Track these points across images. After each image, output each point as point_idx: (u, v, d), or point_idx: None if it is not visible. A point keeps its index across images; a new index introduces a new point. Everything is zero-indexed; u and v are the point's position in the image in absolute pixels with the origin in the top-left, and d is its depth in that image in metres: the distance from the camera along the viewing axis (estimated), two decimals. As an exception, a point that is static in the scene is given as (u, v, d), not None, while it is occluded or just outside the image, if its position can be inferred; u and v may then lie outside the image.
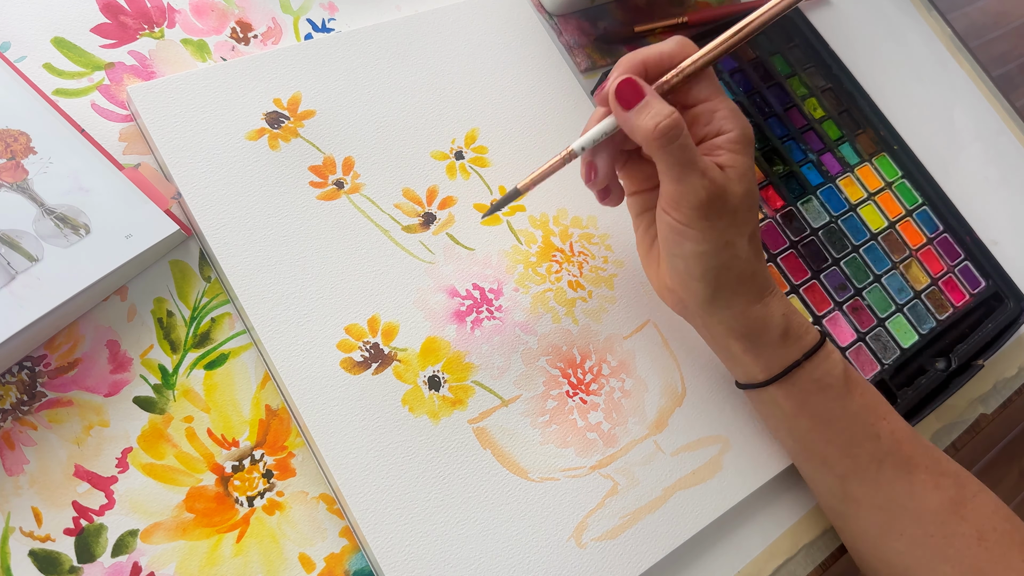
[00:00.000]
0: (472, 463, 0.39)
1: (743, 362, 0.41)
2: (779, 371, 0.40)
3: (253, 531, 0.36)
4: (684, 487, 0.43)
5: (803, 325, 0.41)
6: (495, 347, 0.42)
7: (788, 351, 0.40)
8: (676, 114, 0.35)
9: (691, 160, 0.36)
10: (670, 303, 0.42)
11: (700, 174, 0.36)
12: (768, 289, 0.40)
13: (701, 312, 0.40)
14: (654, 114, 0.35)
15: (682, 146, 0.35)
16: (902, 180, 0.58)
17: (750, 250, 0.39)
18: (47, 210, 0.36)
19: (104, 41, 0.42)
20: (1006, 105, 0.70)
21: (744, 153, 0.37)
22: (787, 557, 0.45)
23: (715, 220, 0.37)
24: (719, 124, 0.37)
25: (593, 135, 0.38)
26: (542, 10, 0.54)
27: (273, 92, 0.43)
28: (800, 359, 0.40)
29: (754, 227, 0.39)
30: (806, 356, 0.40)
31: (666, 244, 0.39)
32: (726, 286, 0.39)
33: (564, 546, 0.39)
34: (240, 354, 0.39)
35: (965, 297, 0.56)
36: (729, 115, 0.37)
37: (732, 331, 0.40)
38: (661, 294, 0.42)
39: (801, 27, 0.61)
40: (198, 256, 0.40)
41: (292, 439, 0.38)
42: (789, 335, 0.40)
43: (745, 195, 0.37)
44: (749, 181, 0.37)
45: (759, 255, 0.40)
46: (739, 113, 0.38)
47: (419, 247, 0.43)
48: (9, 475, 0.34)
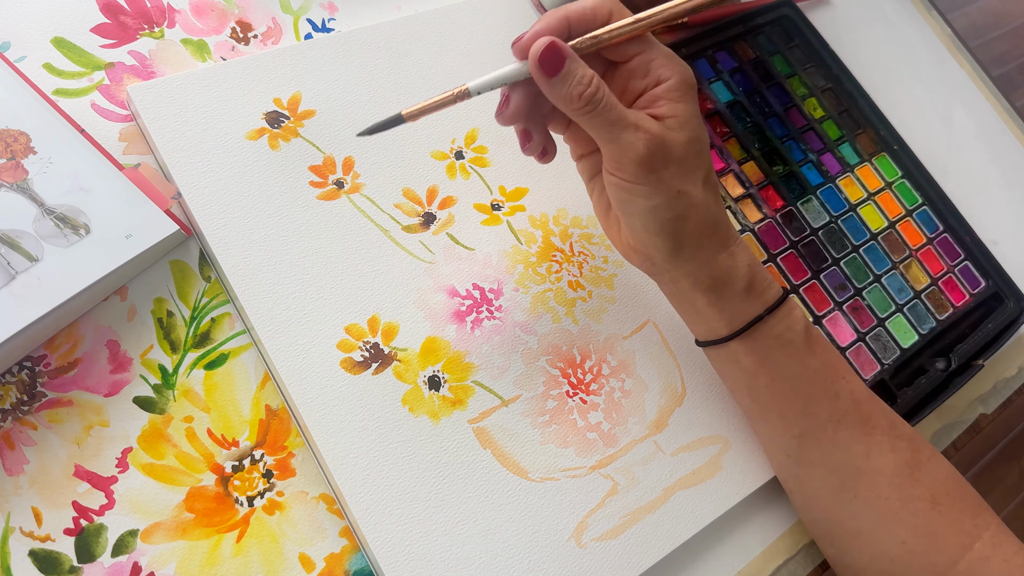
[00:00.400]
0: (472, 463, 0.39)
1: (707, 316, 0.40)
2: (741, 325, 0.40)
3: (253, 531, 0.36)
4: (684, 487, 0.43)
5: (767, 279, 0.40)
6: (495, 347, 0.42)
7: (751, 304, 0.40)
8: (595, 77, 0.34)
9: (619, 118, 0.35)
10: (636, 262, 0.41)
11: (633, 129, 0.35)
12: (733, 238, 0.39)
13: (668, 267, 0.39)
14: (576, 82, 0.34)
15: (607, 106, 0.35)
16: (902, 180, 0.58)
17: (706, 196, 0.38)
18: (47, 210, 0.36)
19: (104, 41, 0.42)
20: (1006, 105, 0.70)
21: (684, 100, 0.36)
22: (787, 557, 0.45)
23: (660, 172, 0.36)
24: (656, 73, 0.36)
25: (491, 80, 0.36)
26: (542, 10, 0.54)
27: (273, 92, 0.43)
28: (763, 313, 0.39)
29: (706, 172, 0.38)
30: (769, 311, 0.40)
31: (619, 205, 0.38)
32: (688, 236, 0.38)
33: (564, 546, 0.39)
34: (240, 354, 0.39)
35: (965, 297, 0.56)
36: (665, 63, 0.36)
37: (698, 284, 0.39)
38: (626, 254, 0.42)
39: (801, 27, 0.61)
40: (198, 256, 0.40)
41: (292, 439, 0.38)
42: (753, 287, 0.39)
43: (689, 142, 0.36)
44: (692, 128, 0.36)
45: (717, 202, 0.39)
46: (675, 59, 0.36)
47: (419, 247, 0.43)
48: (9, 475, 0.34)
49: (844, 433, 0.40)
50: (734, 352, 0.41)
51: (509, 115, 0.38)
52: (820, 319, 0.51)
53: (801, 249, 0.53)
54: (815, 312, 0.51)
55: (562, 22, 0.35)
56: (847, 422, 0.40)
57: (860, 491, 0.41)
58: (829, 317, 0.51)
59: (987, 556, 0.39)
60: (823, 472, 0.41)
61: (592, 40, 0.35)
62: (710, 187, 0.38)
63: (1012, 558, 0.39)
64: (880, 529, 0.40)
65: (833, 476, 0.41)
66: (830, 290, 0.52)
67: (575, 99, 0.35)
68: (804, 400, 0.41)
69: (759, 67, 0.58)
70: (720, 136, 0.55)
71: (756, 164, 0.55)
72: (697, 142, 0.37)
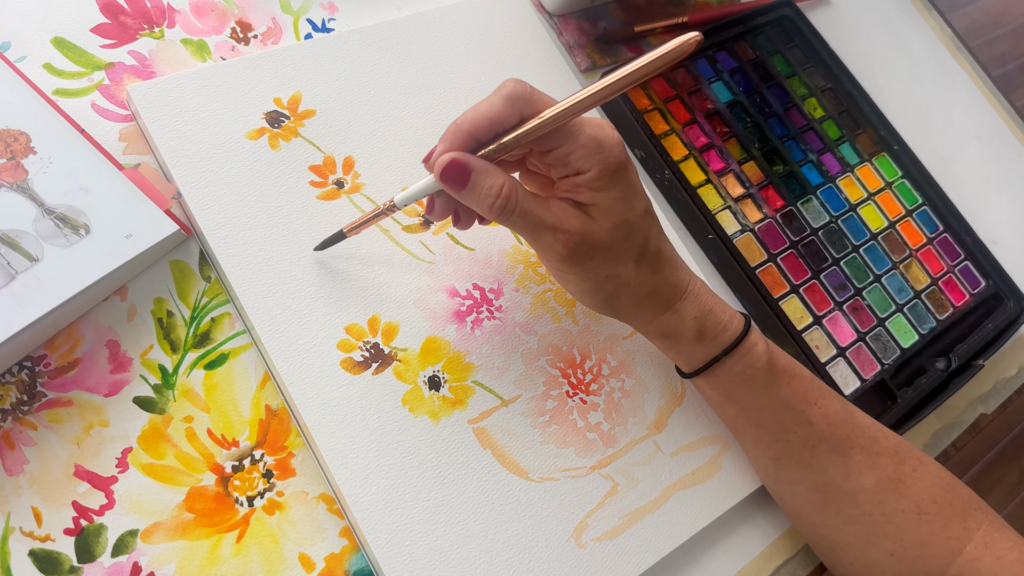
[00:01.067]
0: (472, 463, 0.39)
1: (668, 356, 0.42)
2: (699, 366, 0.40)
3: (253, 531, 0.36)
4: (684, 487, 0.43)
5: (719, 323, 0.40)
6: (495, 347, 0.42)
7: (706, 348, 0.40)
8: (506, 186, 0.34)
9: (537, 223, 0.35)
10: None
11: (551, 231, 0.35)
12: (676, 297, 0.39)
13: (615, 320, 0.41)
14: (484, 195, 0.34)
15: (522, 213, 0.35)
16: (902, 180, 0.58)
17: (640, 272, 0.38)
18: (47, 210, 0.36)
19: (104, 41, 0.42)
20: (1006, 105, 0.70)
21: (606, 188, 0.35)
22: (787, 557, 0.45)
23: (586, 263, 0.36)
24: (575, 166, 0.35)
25: (412, 193, 0.37)
26: (542, 10, 0.54)
27: (273, 92, 0.43)
28: (719, 355, 0.40)
29: (639, 250, 0.37)
30: (726, 352, 0.40)
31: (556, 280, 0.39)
32: (624, 307, 0.39)
33: (564, 546, 0.39)
34: (240, 354, 0.39)
35: (965, 297, 0.56)
36: (583, 155, 0.35)
37: (649, 334, 0.41)
38: None
39: (801, 27, 0.61)
40: (198, 256, 0.40)
41: (292, 439, 0.38)
42: (704, 336, 0.40)
43: (613, 229, 0.36)
44: (615, 214, 0.36)
45: (656, 271, 0.38)
46: (598, 147, 0.35)
47: (419, 247, 0.43)
48: (9, 475, 0.34)
49: (821, 456, 0.41)
50: (700, 386, 0.42)
51: (437, 215, 0.38)
52: (820, 319, 0.51)
53: (801, 249, 0.53)
54: (815, 312, 0.51)
55: (466, 137, 0.34)
56: (823, 447, 0.40)
57: (842, 509, 0.41)
58: (829, 317, 0.51)
59: (978, 557, 0.39)
60: (804, 491, 0.42)
61: (499, 146, 0.35)
62: (645, 261, 0.38)
63: (1005, 555, 0.39)
64: (867, 542, 0.41)
65: (814, 494, 0.41)
66: (830, 290, 0.52)
67: (487, 210, 0.35)
68: (775, 428, 0.41)
69: (759, 67, 0.58)
70: (720, 136, 0.55)
71: (756, 164, 0.55)
72: (624, 225, 0.36)
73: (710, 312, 0.40)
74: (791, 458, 0.41)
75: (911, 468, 0.41)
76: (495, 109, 0.34)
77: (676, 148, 0.53)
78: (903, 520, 0.40)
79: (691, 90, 0.55)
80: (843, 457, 0.40)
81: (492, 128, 0.34)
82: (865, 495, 0.40)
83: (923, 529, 0.40)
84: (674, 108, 0.54)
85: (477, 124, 0.34)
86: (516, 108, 0.34)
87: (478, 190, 0.34)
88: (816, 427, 0.40)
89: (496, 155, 0.35)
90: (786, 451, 0.41)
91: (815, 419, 0.40)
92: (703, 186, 0.52)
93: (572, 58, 0.54)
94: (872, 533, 0.40)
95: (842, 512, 0.41)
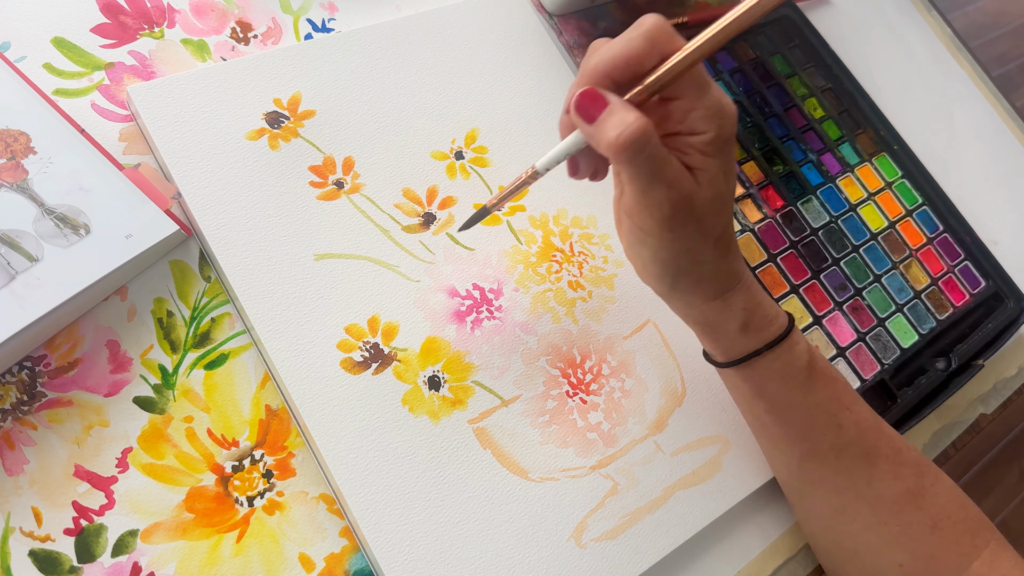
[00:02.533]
0: (472, 463, 0.39)
1: (703, 342, 0.41)
2: (737, 358, 0.39)
3: (253, 531, 0.36)
4: (684, 487, 0.43)
5: (766, 317, 0.39)
6: (495, 347, 0.42)
7: (748, 341, 0.39)
8: (641, 122, 0.31)
9: (658, 172, 0.33)
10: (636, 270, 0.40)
11: (667, 186, 0.33)
12: (730, 286, 0.38)
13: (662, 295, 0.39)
14: (616, 123, 0.31)
15: (650, 157, 0.32)
16: (902, 180, 0.58)
17: (715, 253, 0.36)
18: (47, 210, 0.36)
19: (104, 41, 0.42)
20: (1006, 105, 0.70)
21: (717, 155, 0.34)
22: (787, 557, 0.45)
23: (679, 230, 0.34)
24: (692, 124, 0.33)
25: (555, 155, 0.36)
26: (542, 10, 0.54)
27: (273, 92, 0.43)
28: (760, 349, 0.39)
29: (722, 231, 0.36)
30: (767, 346, 0.39)
31: (626, 240, 0.37)
32: (681, 288, 0.38)
33: (564, 546, 0.39)
34: (240, 354, 0.39)
35: (965, 297, 0.56)
36: (705, 115, 0.33)
37: (688, 318, 0.40)
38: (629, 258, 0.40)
39: (801, 27, 0.61)
40: (198, 256, 0.40)
41: (292, 439, 0.38)
42: (749, 328, 0.39)
43: (714, 199, 0.34)
44: (719, 184, 0.34)
45: (725, 255, 0.37)
46: (720, 111, 0.33)
47: (419, 247, 0.43)
48: (9, 475, 0.34)
49: (847, 461, 0.40)
50: (732, 377, 0.41)
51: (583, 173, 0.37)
52: (820, 319, 0.51)
53: (801, 249, 0.53)
54: (815, 312, 0.51)
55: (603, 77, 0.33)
56: (850, 451, 0.40)
57: (860, 515, 0.40)
58: (829, 317, 0.51)
59: (984, 573, 0.39)
60: (824, 493, 0.41)
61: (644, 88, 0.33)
62: (722, 243, 0.37)
63: (1009, 572, 0.39)
64: (878, 553, 0.40)
65: (834, 497, 0.41)
66: (830, 290, 0.52)
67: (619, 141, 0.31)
68: (805, 428, 0.40)
69: (759, 67, 0.58)
70: (720, 136, 0.55)
71: (756, 164, 0.55)
72: (719, 200, 0.35)
73: (759, 305, 0.39)
74: (817, 459, 0.41)
75: (930, 483, 0.41)
76: (633, 47, 0.32)
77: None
78: (917, 533, 0.40)
79: (691, 90, 0.55)
80: (869, 464, 0.40)
81: (630, 68, 0.32)
82: (885, 504, 0.40)
83: (935, 544, 0.40)
84: (674, 108, 0.54)
85: (615, 64, 0.32)
86: (656, 48, 0.32)
87: (613, 120, 0.31)
88: (846, 432, 0.40)
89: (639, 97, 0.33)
90: (812, 451, 0.40)
91: (846, 424, 0.40)
92: (703, 186, 0.52)
93: (572, 58, 0.53)
94: (885, 543, 0.40)
95: (859, 519, 0.40)
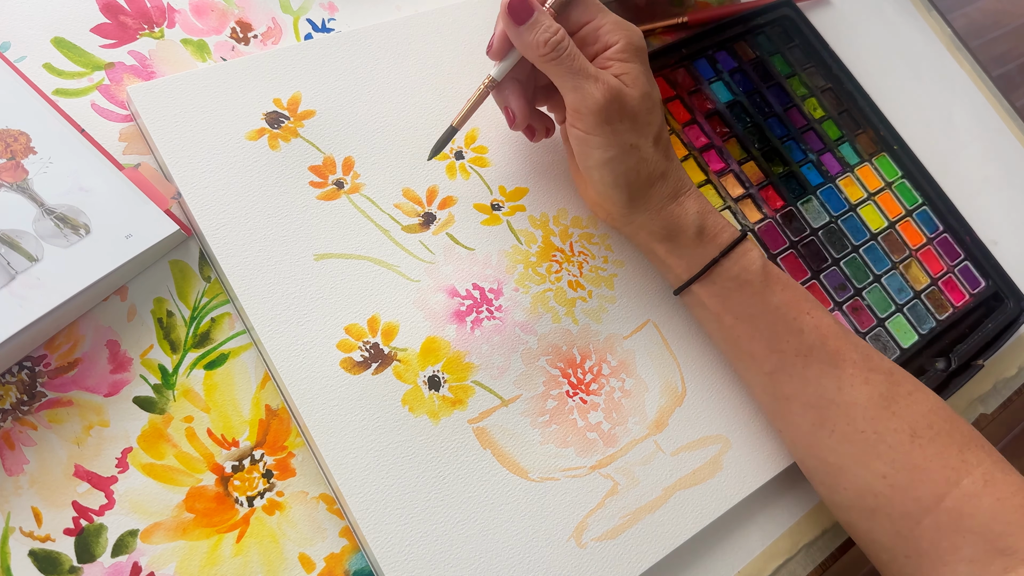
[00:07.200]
0: (472, 463, 0.39)
1: (670, 264, 0.43)
2: (698, 269, 0.42)
3: (253, 531, 0.36)
4: (684, 487, 0.43)
5: (719, 224, 0.43)
6: (495, 347, 0.42)
7: (705, 249, 0.42)
8: (560, 28, 0.38)
9: (582, 68, 0.38)
10: (601, 216, 0.46)
11: (594, 79, 0.38)
12: (683, 189, 0.42)
13: (624, 220, 0.43)
14: (543, 30, 0.38)
15: (571, 55, 0.38)
16: (902, 180, 0.58)
17: (657, 152, 0.41)
18: (47, 210, 0.36)
19: (104, 41, 0.42)
20: (1006, 105, 0.70)
21: (633, 60, 0.40)
22: (787, 557, 0.45)
23: (615, 124, 0.39)
24: (605, 39, 0.40)
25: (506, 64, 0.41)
26: (542, 10, 0.54)
27: (273, 92, 0.43)
28: (717, 256, 0.42)
29: (658, 129, 0.41)
30: (723, 253, 0.42)
31: (579, 158, 0.41)
32: (639, 189, 0.41)
33: (564, 546, 0.39)
34: (240, 354, 0.39)
35: (965, 297, 0.56)
36: (612, 27, 0.40)
37: (653, 234, 0.43)
38: (593, 210, 0.46)
39: (801, 27, 0.61)
40: (198, 256, 0.40)
41: (292, 439, 0.38)
42: (705, 232, 0.42)
43: (642, 98, 0.39)
44: (643, 84, 0.40)
45: (668, 156, 0.42)
46: (623, 24, 0.40)
47: (419, 247, 0.43)
48: (9, 475, 0.34)
49: (814, 368, 0.41)
50: (698, 296, 0.43)
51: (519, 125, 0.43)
52: (820, 319, 0.51)
53: (801, 249, 0.53)
54: (815, 312, 0.51)
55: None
56: (815, 356, 0.41)
57: (837, 425, 0.41)
58: (829, 317, 0.51)
59: (976, 493, 0.38)
60: (800, 407, 0.42)
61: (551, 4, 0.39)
62: (661, 144, 0.42)
63: (1008, 498, 0.38)
64: (860, 463, 0.40)
65: (810, 411, 0.42)
66: (830, 290, 0.52)
67: (541, 44, 0.38)
68: (769, 337, 0.42)
69: (759, 67, 0.58)
70: (720, 136, 0.55)
71: (756, 164, 0.55)
72: (648, 99, 0.40)
73: (710, 212, 0.43)
74: (785, 371, 0.42)
75: (906, 391, 0.41)
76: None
77: (676, 148, 0.53)
78: (895, 440, 0.40)
79: (691, 90, 0.55)
80: (836, 369, 0.41)
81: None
82: (858, 410, 0.40)
83: (916, 453, 0.40)
84: (674, 108, 0.54)
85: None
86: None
87: (538, 25, 0.38)
88: (807, 336, 0.41)
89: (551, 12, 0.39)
90: (780, 364, 0.42)
91: (807, 328, 0.42)
92: (703, 186, 0.52)
93: (572, 58, 0.53)
94: (865, 453, 0.40)
95: (836, 430, 0.41)
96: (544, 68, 0.39)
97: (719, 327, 0.43)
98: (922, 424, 0.40)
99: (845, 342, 0.42)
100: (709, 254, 0.42)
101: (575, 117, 0.39)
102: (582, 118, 0.39)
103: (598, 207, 0.45)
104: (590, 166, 0.41)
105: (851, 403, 0.41)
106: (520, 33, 0.38)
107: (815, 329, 0.42)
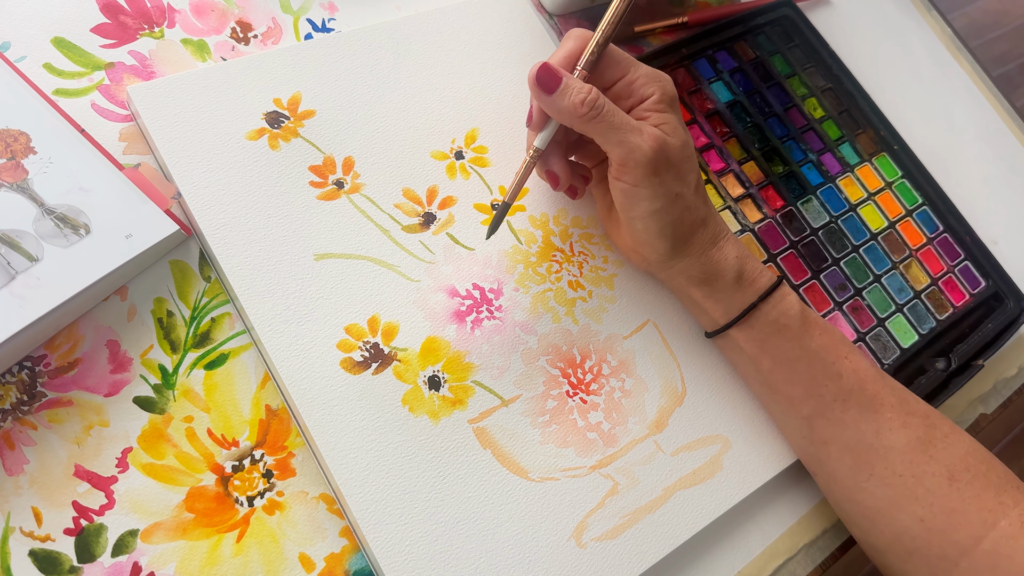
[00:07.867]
0: (472, 463, 0.39)
1: (706, 308, 0.43)
2: (737, 314, 0.42)
3: (253, 531, 0.36)
4: (684, 487, 0.43)
5: (757, 268, 0.43)
6: (495, 347, 0.42)
7: (744, 294, 0.42)
8: (592, 88, 0.38)
9: (624, 122, 0.38)
10: (634, 261, 0.45)
11: (638, 132, 0.38)
12: (721, 234, 0.43)
13: (663, 266, 0.43)
14: (575, 92, 0.38)
15: (610, 111, 0.38)
16: (902, 180, 0.58)
17: (698, 199, 0.41)
18: (47, 210, 0.36)
19: (104, 41, 0.42)
20: (1006, 105, 0.70)
21: (669, 110, 0.40)
22: (787, 557, 0.45)
23: (663, 174, 0.39)
24: (640, 92, 0.40)
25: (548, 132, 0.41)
26: (542, 10, 0.54)
27: (273, 92, 0.43)
28: (756, 301, 0.42)
29: (697, 177, 0.41)
30: (761, 298, 0.42)
31: (623, 209, 0.41)
32: (682, 236, 0.41)
33: (564, 546, 0.39)
34: (240, 354, 0.39)
35: (965, 297, 0.56)
36: (646, 80, 0.40)
37: (691, 279, 0.42)
38: (625, 254, 0.46)
39: (801, 27, 0.61)
40: (198, 256, 0.40)
41: (292, 439, 0.38)
42: (743, 277, 0.42)
43: (682, 147, 0.40)
44: (681, 134, 0.40)
45: (707, 202, 0.42)
46: (656, 75, 0.40)
47: (419, 247, 0.43)
48: (9, 475, 0.34)
49: (852, 412, 0.41)
50: (735, 340, 0.43)
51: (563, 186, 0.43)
52: (820, 319, 0.51)
53: (801, 249, 0.53)
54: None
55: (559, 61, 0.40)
56: (853, 401, 0.41)
57: (875, 469, 0.41)
58: (829, 317, 0.51)
59: (1013, 535, 0.38)
60: (837, 451, 0.42)
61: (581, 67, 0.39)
62: (700, 191, 0.42)
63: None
64: (897, 507, 0.40)
65: (847, 455, 0.42)
66: (830, 290, 0.52)
67: (578, 105, 0.38)
68: (807, 382, 0.42)
69: (759, 67, 0.58)
70: (720, 136, 0.55)
71: (756, 164, 0.55)
72: (687, 147, 0.40)
73: (749, 256, 0.43)
74: (823, 416, 0.42)
75: (942, 434, 0.41)
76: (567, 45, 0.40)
77: (676, 148, 0.53)
78: (933, 484, 0.40)
79: (691, 90, 0.55)
80: (873, 414, 0.41)
81: (571, 61, 0.40)
82: (896, 455, 0.40)
83: (954, 496, 0.40)
84: (674, 108, 0.54)
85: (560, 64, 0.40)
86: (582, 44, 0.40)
87: (569, 88, 0.38)
88: (846, 381, 0.41)
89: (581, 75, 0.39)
90: (818, 408, 0.42)
91: (845, 372, 0.41)
92: (703, 186, 0.52)
93: (572, 58, 0.53)
94: (902, 496, 0.40)
95: (874, 474, 0.41)
96: (585, 129, 0.38)
97: (756, 371, 0.43)
98: (959, 467, 0.40)
99: (882, 386, 0.42)
100: (748, 299, 0.42)
101: (621, 171, 0.39)
102: (629, 171, 0.39)
103: (633, 253, 0.44)
104: (634, 216, 0.40)
105: (889, 447, 0.41)
106: (553, 102, 0.38)
107: (853, 373, 0.42)
